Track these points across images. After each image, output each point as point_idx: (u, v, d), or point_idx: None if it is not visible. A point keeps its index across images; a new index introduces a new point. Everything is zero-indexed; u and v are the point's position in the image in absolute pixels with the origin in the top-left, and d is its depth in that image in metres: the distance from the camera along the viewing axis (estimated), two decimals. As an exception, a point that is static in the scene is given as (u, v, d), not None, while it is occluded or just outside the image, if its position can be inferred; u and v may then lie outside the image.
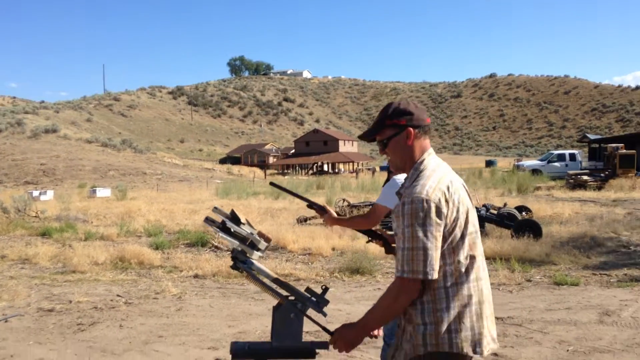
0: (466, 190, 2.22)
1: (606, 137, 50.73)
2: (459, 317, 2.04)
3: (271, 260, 9.59)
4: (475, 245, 2.13)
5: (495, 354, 4.88)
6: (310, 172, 72.16)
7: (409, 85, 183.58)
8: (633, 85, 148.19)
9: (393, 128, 2.24)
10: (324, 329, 2.38)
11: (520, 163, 40.39)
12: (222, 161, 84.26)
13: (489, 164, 64.84)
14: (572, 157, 37.13)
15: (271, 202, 21.71)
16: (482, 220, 11.78)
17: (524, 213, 13.29)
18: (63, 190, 31.87)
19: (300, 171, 75.21)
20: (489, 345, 2.11)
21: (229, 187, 29.81)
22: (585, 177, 27.41)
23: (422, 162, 2.20)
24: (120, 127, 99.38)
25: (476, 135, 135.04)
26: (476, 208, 11.92)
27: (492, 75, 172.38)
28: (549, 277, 8.14)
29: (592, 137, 49.56)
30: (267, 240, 2.51)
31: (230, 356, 2.50)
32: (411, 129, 2.21)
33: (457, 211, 2.07)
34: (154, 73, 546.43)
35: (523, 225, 11.03)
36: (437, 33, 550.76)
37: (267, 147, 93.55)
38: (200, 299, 7.32)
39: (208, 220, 2.52)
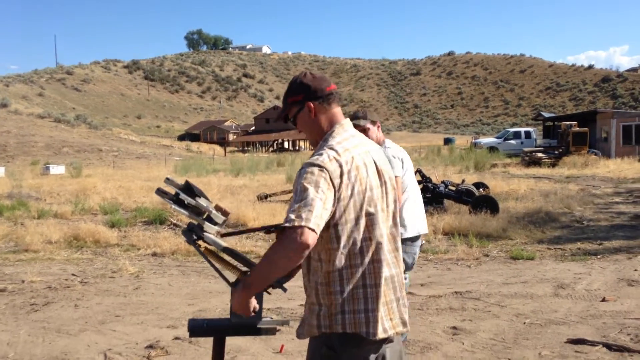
0: (377, 168, 2.14)
1: (560, 115, 51.95)
2: (352, 299, 2.00)
3: (231, 237, 9.49)
4: (374, 227, 2.05)
5: (454, 327, 4.95)
6: (271, 149, 71.82)
7: (368, 62, 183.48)
8: (586, 65, 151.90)
9: (295, 105, 2.18)
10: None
11: (478, 141, 41.09)
12: (181, 138, 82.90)
13: (447, 141, 65.69)
14: (528, 134, 37.96)
15: (231, 180, 21.50)
16: (441, 196, 11.93)
17: (481, 189, 13.51)
18: (15, 168, 30.83)
19: (260, 148, 74.75)
20: (389, 329, 2.05)
21: (188, 164, 29.41)
22: (539, 155, 28.08)
23: (331, 132, 2.13)
24: (73, 102, 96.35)
25: (435, 113, 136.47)
26: (435, 184, 12.06)
27: (450, 54, 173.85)
28: (506, 251, 8.31)
29: (546, 115, 50.61)
30: (225, 214, 2.40)
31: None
32: (310, 102, 2.15)
33: (353, 189, 2.00)
34: (109, 46, 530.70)
35: (480, 201, 11.21)
36: (396, 10, 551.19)
37: (226, 123, 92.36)
38: (158, 278, 7.19)
39: (160, 191, 2.40)
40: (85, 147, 45.62)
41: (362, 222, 2.02)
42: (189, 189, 2.32)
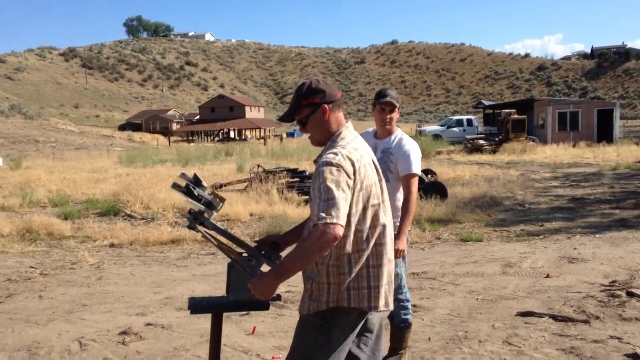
0: (375, 165, 2.46)
1: (499, 103, 53.73)
2: (359, 278, 2.31)
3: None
4: (378, 216, 2.36)
5: (414, 305, 5.26)
6: (217, 139, 70.99)
7: (313, 51, 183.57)
8: (523, 53, 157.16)
9: (309, 107, 2.40)
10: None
11: (422, 128, 42.04)
12: (122, 128, 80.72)
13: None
14: (469, 122, 39.15)
15: (180, 170, 21.30)
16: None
17: (429, 176, 14.00)
18: (-53, 160, 29.40)
19: (205, 138, 73.79)
20: (383, 306, 2.39)
21: (132, 155, 28.80)
22: (481, 142, 29.10)
23: (339, 134, 2.41)
24: (7, 92, 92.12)
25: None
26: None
27: (393, 42, 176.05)
28: (456, 234, 8.75)
29: (486, 103, 52.24)
30: (222, 200, 2.61)
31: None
32: (325, 105, 2.39)
33: (362, 184, 2.29)
34: (43, 33, 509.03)
35: (430, 187, 11.66)
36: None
37: (170, 113, 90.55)
38: (120, 268, 7.22)
39: (175, 185, 2.58)
40: (21, 138, 43.88)
41: (369, 212, 2.33)
42: (197, 181, 2.51)
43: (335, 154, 2.27)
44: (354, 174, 2.25)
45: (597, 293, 5.41)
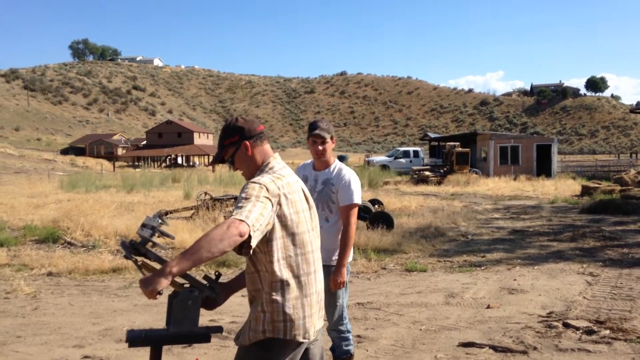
0: (305, 194, 2.52)
1: (445, 135, 55.26)
2: (293, 307, 2.33)
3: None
4: (309, 242, 2.41)
5: (358, 336, 5.29)
6: (164, 164, 69.95)
7: (263, 79, 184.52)
8: (466, 88, 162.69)
9: (232, 146, 2.49)
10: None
11: (371, 159, 42.67)
12: (64, 152, 78.56)
13: (341, 159, 67.26)
14: (416, 153, 40.08)
15: (124, 196, 20.83)
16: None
17: (376, 206, 14.18)
18: None
19: (152, 164, 72.53)
20: (317, 327, 2.44)
21: (74, 179, 27.96)
22: (427, 173, 29.77)
23: (267, 164, 2.49)
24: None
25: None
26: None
27: (342, 73, 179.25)
28: (401, 264, 8.86)
29: (432, 135, 53.69)
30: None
31: None
32: (246, 141, 2.47)
33: (288, 209, 2.33)
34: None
35: (377, 217, 11.79)
36: (290, 28, 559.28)
37: (115, 137, 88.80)
38: (58, 297, 6.95)
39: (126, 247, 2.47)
40: (-44, 160, 42.06)
41: (297, 238, 2.37)
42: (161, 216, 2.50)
43: (262, 177, 2.36)
44: (278, 196, 2.30)
45: (535, 324, 5.57)
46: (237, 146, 2.47)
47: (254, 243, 2.14)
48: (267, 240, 2.29)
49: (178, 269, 2.09)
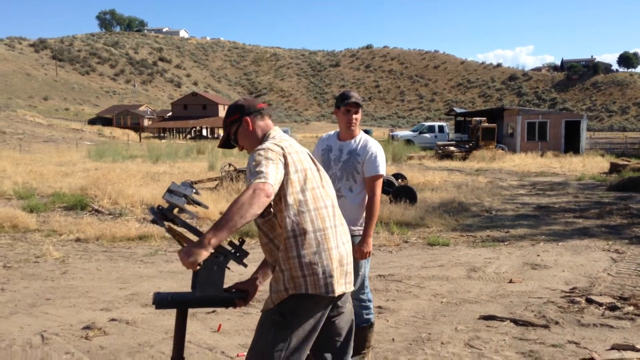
0: (310, 156, 2.58)
1: (471, 111, 54.51)
2: (310, 262, 2.35)
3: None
4: (320, 198, 2.44)
5: (379, 307, 5.33)
6: (189, 136, 70.46)
7: (288, 52, 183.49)
8: (495, 63, 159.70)
9: (233, 124, 2.62)
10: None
11: (395, 133, 42.36)
12: (92, 122, 79.43)
13: (365, 133, 67.09)
14: (441, 129, 39.62)
15: (150, 166, 21.10)
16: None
17: (400, 180, 14.12)
18: None
19: (177, 135, 73.09)
20: (341, 287, 2.44)
21: (102, 149, 28.41)
22: (452, 148, 29.51)
23: (267, 136, 2.57)
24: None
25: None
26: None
27: (368, 47, 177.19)
28: (424, 238, 8.86)
29: (458, 110, 52.97)
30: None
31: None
32: (247, 117, 2.58)
33: (294, 167, 2.39)
34: (13, 23, 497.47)
35: (400, 191, 11.77)
36: (317, 0, 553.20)
37: (141, 108, 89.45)
38: (85, 263, 7.13)
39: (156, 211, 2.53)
40: (-14, 129, 42.91)
41: (308, 194, 2.41)
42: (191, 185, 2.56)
43: (265, 144, 2.44)
44: (283, 156, 2.37)
45: (558, 299, 5.55)
46: (238, 123, 2.59)
47: (273, 196, 2.22)
48: (278, 197, 2.35)
49: (216, 239, 2.18)
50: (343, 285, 2.45)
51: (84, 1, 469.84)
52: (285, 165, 2.35)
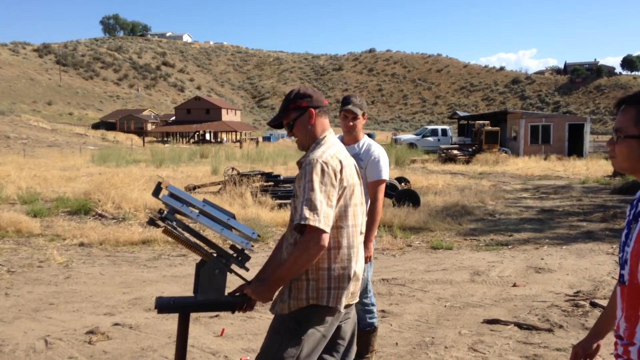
0: (356, 169, 2.55)
1: (474, 114, 54.44)
2: (337, 277, 2.35)
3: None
4: (356, 216, 2.43)
5: (383, 311, 5.32)
6: (192, 140, 70.58)
7: (291, 56, 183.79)
8: (498, 66, 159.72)
9: (296, 110, 2.49)
10: (244, 279, 2.57)
11: (398, 137, 42.32)
12: (95, 126, 79.67)
13: (368, 137, 67.05)
14: (444, 132, 39.59)
15: (154, 170, 21.13)
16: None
17: (403, 184, 14.10)
18: None
19: (181, 139, 73.20)
20: (350, 300, 2.47)
21: (106, 154, 28.48)
22: (455, 152, 29.44)
23: (323, 137, 2.49)
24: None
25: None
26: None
27: (371, 50, 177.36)
28: (427, 242, 8.85)
29: (461, 114, 52.88)
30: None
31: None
32: (312, 109, 2.48)
33: (346, 182, 2.36)
34: (17, 28, 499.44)
35: (403, 195, 11.76)
36: (319, 4, 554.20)
37: (145, 113, 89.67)
38: (89, 267, 7.14)
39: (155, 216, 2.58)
40: (-9, 134, 43.04)
41: (350, 210, 2.40)
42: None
43: (323, 152, 2.36)
44: (341, 172, 2.34)
45: (562, 303, 5.53)
46: (301, 112, 2.49)
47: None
48: None
49: (280, 285, 2.38)
50: (347, 300, 2.46)
51: (88, 6, 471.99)
52: (340, 181, 2.33)
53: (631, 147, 1.69)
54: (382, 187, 3.84)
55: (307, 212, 2.19)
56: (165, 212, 2.51)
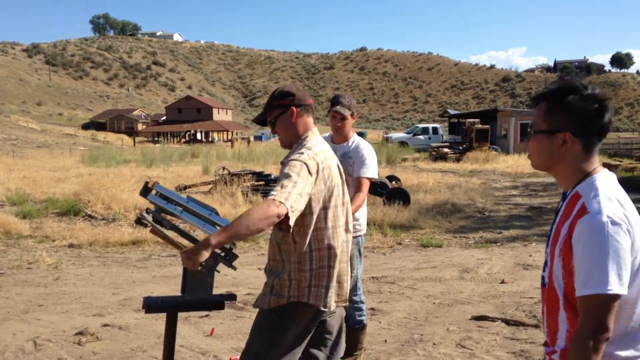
0: (339, 169, 2.57)
1: (464, 112, 54.62)
2: (317, 277, 2.39)
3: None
4: (337, 218, 2.46)
5: (372, 308, 5.35)
6: (183, 140, 70.36)
7: (283, 55, 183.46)
8: (488, 65, 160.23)
9: (279, 108, 2.52)
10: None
11: (389, 135, 42.41)
12: (85, 127, 79.22)
13: (360, 135, 67.10)
14: (435, 130, 39.71)
15: (144, 171, 21.06)
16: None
17: (393, 182, 14.15)
18: None
19: (172, 139, 72.96)
20: (333, 306, 2.47)
21: (96, 154, 28.35)
22: (445, 150, 29.54)
23: (306, 137, 2.52)
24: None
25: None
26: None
27: (362, 49, 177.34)
28: (417, 240, 8.90)
29: (452, 112, 53.09)
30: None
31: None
32: (294, 107, 2.50)
33: (324, 184, 2.39)
34: (5, 28, 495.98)
35: (393, 193, 11.80)
36: (310, 3, 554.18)
37: (135, 112, 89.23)
38: (78, 268, 7.13)
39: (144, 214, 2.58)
40: (-20, 135, 42.75)
41: (330, 212, 2.43)
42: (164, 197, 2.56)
43: (302, 153, 2.38)
44: (317, 172, 2.35)
45: (549, 299, 5.57)
46: (283, 110, 2.50)
47: (292, 222, 2.20)
48: (303, 214, 2.32)
49: (216, 241, 2.17)
50: (333, 300, 2.48)
51: (78, 5, 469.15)
52: (316, 182, 2.34)
53: (541, 142, 1.67)
54: (366, 184, 3.86)
55: (275, 192, 2.19)
56: (151, 211, 2.52)
